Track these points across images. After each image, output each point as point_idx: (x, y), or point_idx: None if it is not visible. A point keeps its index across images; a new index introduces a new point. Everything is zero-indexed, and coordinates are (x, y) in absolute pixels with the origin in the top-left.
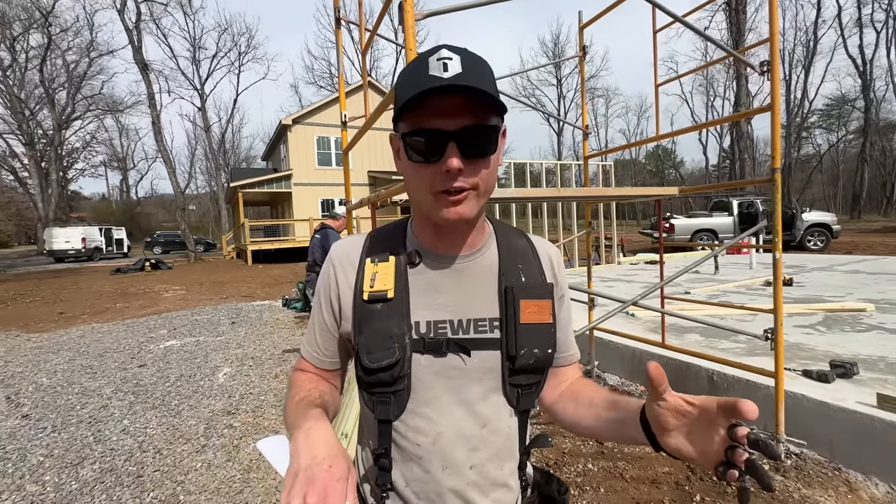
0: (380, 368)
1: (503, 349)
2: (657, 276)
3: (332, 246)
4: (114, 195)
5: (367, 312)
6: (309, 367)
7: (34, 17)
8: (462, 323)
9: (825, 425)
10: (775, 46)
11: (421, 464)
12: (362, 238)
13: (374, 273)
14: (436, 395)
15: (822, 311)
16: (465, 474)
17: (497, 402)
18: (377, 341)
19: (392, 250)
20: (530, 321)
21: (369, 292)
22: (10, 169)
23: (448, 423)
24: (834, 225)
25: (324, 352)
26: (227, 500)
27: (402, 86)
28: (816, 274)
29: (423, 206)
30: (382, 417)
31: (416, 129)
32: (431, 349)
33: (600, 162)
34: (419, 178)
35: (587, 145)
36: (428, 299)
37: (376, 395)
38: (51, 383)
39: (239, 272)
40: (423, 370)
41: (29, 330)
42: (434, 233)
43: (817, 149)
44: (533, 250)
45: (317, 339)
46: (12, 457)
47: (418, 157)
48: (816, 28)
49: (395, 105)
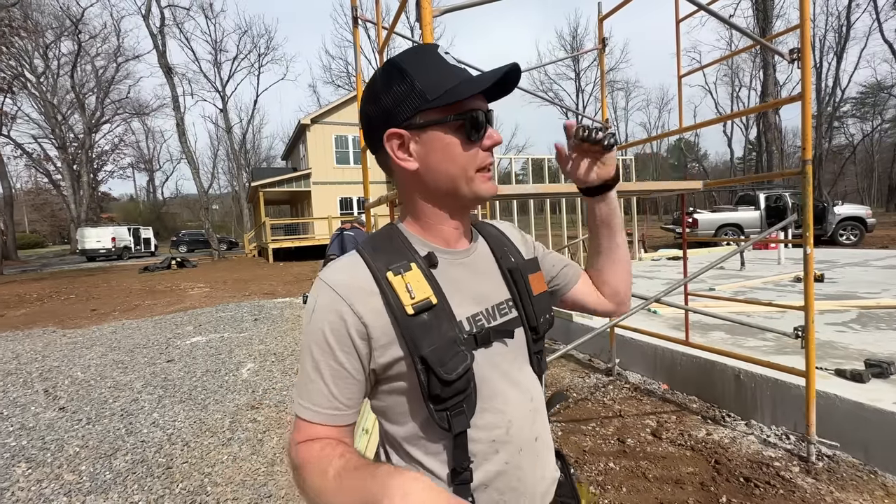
0: (458, 377)
1: (525, 323)
2: (679, 273)
3: (326, 276)
4: (141, 196)
5: (417, 326)
6: (321, 431)
7: (65, 25)
8: (490, 311)
9: (860, 427)
10: (806, 33)
11: (499, 457)
12: (356, 258)
13: (406, 284)
14: (494, 385)
15: (855, 308)
16: (534, 447)
17: (528, 372)
18: (445, 350)
19: (406, 257)
20: (538, 292)
21: (413, 304)
22: (45, 172)
23: (514, 407)
24: (868, 218)
25: (344, 402)
26: (252, 492)
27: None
28: (850, 269)
29: (465, 188)
30: (461, 429)
31: (469, 110)
32: (483, 342)
33: (620, 156)
34: (468, 158)
35: None
36: (460, 296)
37: (451, 409)
38: (85, 377)
39: (260, 270)
40: (479, 366)
41: (64, 326)
42: (445, 229)
43: (850, 139)
44: (502, 233)
45: (330, 390)
46: (51, 447)
47: (475, 135)
48: (850, 12)
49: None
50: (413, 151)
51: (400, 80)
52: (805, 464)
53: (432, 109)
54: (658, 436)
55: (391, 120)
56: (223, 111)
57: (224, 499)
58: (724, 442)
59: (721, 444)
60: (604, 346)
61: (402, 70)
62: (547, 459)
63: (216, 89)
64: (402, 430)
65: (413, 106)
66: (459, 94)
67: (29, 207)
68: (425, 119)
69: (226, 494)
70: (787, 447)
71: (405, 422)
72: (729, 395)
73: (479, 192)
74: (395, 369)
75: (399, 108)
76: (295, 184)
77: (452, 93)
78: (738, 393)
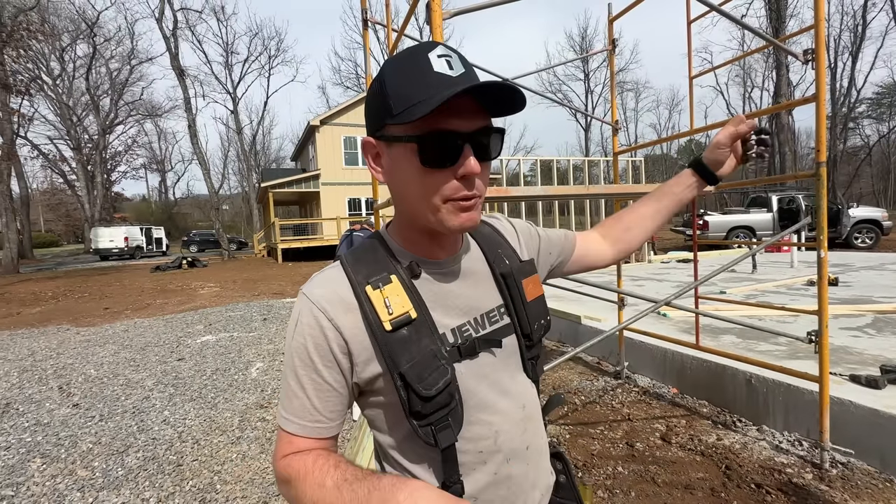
0: (438, 392)
1: (517, 330)
2: (690, 275)
3: (307, 290)
4: (153, 196)
5: (396, 342)
6: (306, 444)
7: (80, 29)
8: (479, 319)
9: (875, 434)
10: (821, 33)
11: (487, 468)
12: (338, 270)
13: (385, 299)
14: (481, 396)
15: (871, 313)
16: (526, 456)
17: (522, 379)
18: (424, 365)
19: (386, 269)
20: (532, 297)
21: (391, 320)
22: (60, 172)
23: (501, 417)
24: (884, 221)
25: (327, 416)
26: (261, 490)
27: (406, 83)
28: (865, 273)
29: (428, 215)
30: (447, 443)
31: (433, 131)
32: (468, 354)
33: (630, 158)
34: (427, 186)
35: (617, 141)
36: (443, 308)
37: (436, 424)
38: (98, 375)
39: (270, 270)
40: (465, 378)
41: (78, 324)
42: (429, 241)
43: (866, 140)
44: (496, 231)
45: (313, 403)
46: (65, 443)
47: (434, 162)
48: (865, 11)
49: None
50: (383, 164)
51: (378, 86)
52: (818, 471)
53: (397, 125)
54: (667, 440)
55: (369, 127)
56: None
57: (233, 496)
58: (735, 447)
59: (732, 449)
60: (612, 349)
61: (382, 76)
62: (541, 466)
63: (227, 91)
64: (390, 441)
65: (381, 117)
66: (411, 113)
67: (44, 207)
68: (390, 133)
69: (235, 492)
70: (799, 453)
71: (393, 434)
72: (740, 399)
73: (446, 224)
74: (377, 384)
75: (373, 116)
76: (304, 185)
77: (410, 110)
78: (750, 398)
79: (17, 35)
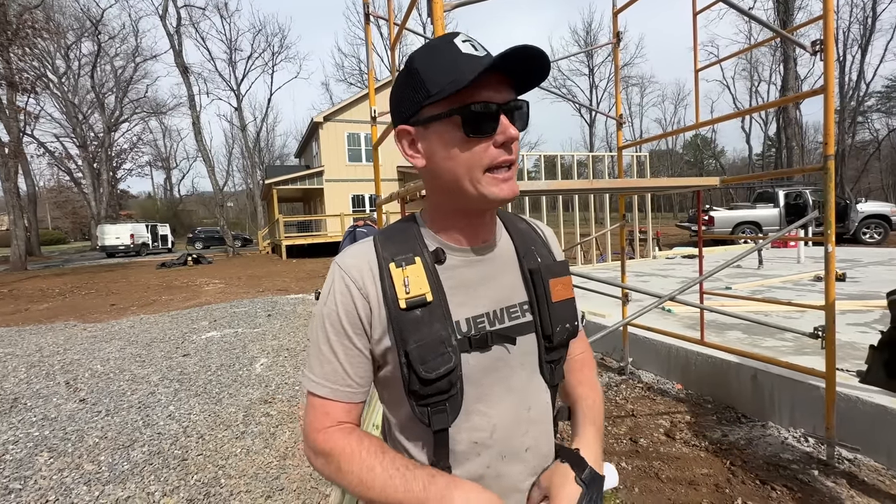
0: (439, 377)
1: (538, 330)
2: (695, 271)
3: (341, 261)
4: (158, 193)
5: (408, 321)
6: (337, 409)
7: (85, 27)
8: (497, 313)
9: (883, 430)
10: (829, 24)
11: (481, 460)
12: (369, 245)
13: (405, 278)
14: (486, 389)
15: (879, 309)
16: (523, 457)
17: (537, 381)
18: (430, 349)
19: (412, 251)
20: (559, 298)
21: (406, 299)
22: (67, 170)
23: (501, 413)
24: (893, 216)
25: (357, 381)
26: (265, 484)
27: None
28: (873, 268)
29: (470, 189)
30: (440, 427)
31: (473, 102)
32: (478, 346)
33: (635, 153)
34: (474, 156)
35: (621, 135)
36: (463, 296)
37: (432, 406)
38: (104, 370)
39: (274, 266)
40: (471, 368)
41: (84, 320)
42: (462, 227)
43: (875, 134)
44: (535, 230)
45: (344, 368)
46: (72, 437)
47: (477, 130)
48: (875, 3)
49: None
50: (421, 148)
51: (409, 75)
52: (824, 467)
53: (435, 104)
54: (672, 436)
55: (402, 116)
56: (238, 109)
57: (237, 491)
58: (740, 443)
59: (737, 445)
60: (617, 345)
61: (412, 64)
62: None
63: (231, 88)
64: (392, 416)
65: (417, 101)
66: (456, 84)
67: (51, 205)
68: (429, 114)
69: (239, 486)
70: (805, 449)
71: (396, 409)
72: (745, 395)
73: (488, 195)
74: (387, 358)
75: (407, 103)
76: (308, 181)
77: (448, 87)
78: (755, 394)
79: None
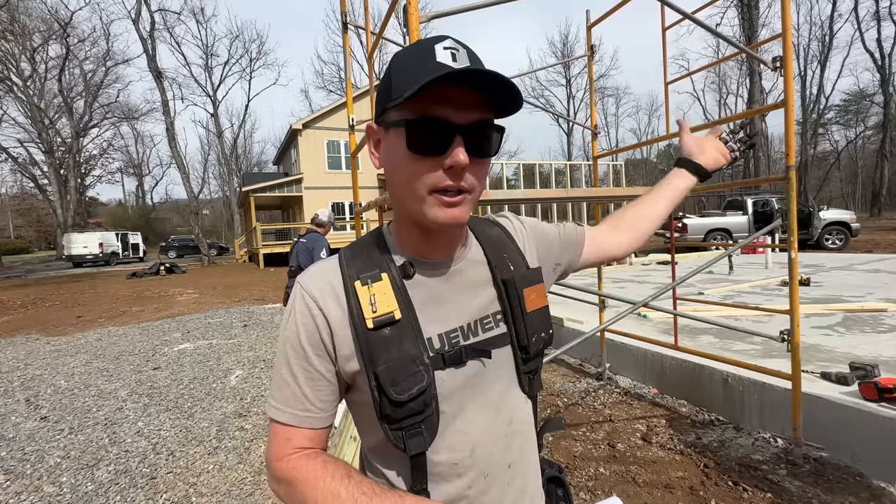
0: (411, 398)
1: (514, 341)
2: (670, 277)
3: (302, 280)
4: (130, 201)
5: (376, 341)
6: (299, 435)
7: (53, 29)
8: (471, 326)
9: (846, 430)
10: (788, 41)
11: (461, 481)
12: (334, 262)
13: (371, 296)
14: (462, 407)
15: (840, 312)
16: (506, 474)
17: (515, 393)
18: (401, 369)
19: (379, 266)
20: (534, 308)
21: (374, 318)
22: (31, 176)
23: (480, 430)
24: (853, 223)
25: (318, 405)
26: (239, 501)
27: (406, 70)
28: (835, 273)
29: (413, 206)
30: (417, 451)
31: (422, 117)
32: (452, 362)
33: (611, 162)
34: (415, 173)
35: (596, 145)
36: (434, 311)
37: (407, 429)
38: (68, 386)
39: (251, 275)
40: (446, 386)
41: (48, 333)
42: (423, 240)
43: (835, 145)
44: (506, 233)
45: (304, 392)
46: (31, 458)
47: (421, 148)
48: (832, 22)
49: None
50: (381, 150)
51: (386, 73)
52: (792, 467)
53: (395, 108)
54: (648, 440)
55: (375, 113)
56: (214, 115)
57: None
58: (714, 446)
59: (710, 447)
60: (594, 351)
61: (390, 65)
62: (525, 488)
63: (207, 94)
64: (367, 440)
65: (382, 102)
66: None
67: (14, 213)
68: (388, 118)
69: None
70: (774, 450)
71: (369, 434)
72: (717, 398)
73: (429, 216)
74: (357, 382)
75: (379, 102)
76: (286, 189)
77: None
78: (727, 397)
79: None
